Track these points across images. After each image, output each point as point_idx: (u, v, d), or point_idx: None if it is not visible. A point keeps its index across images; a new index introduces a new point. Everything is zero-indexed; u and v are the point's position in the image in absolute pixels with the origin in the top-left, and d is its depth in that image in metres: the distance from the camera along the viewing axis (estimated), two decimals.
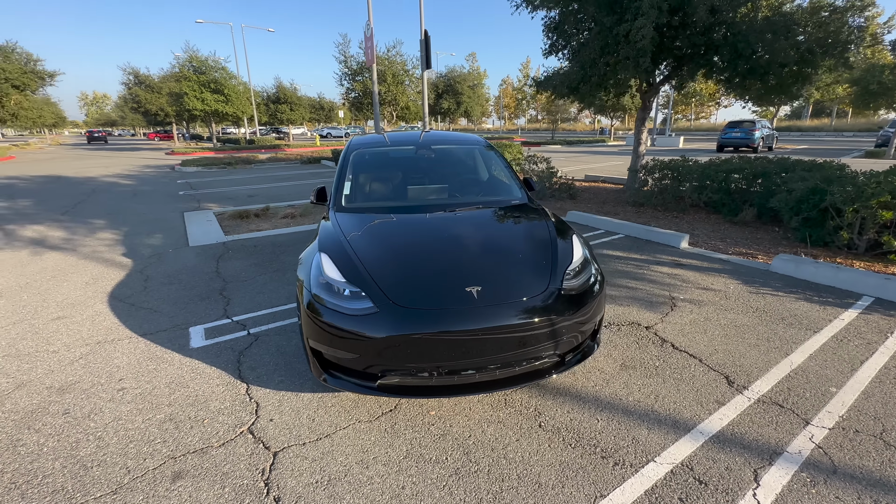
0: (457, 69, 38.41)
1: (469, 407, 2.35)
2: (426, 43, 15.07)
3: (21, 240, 6.04)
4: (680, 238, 5.32)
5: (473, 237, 2.68)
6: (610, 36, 7.33)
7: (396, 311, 2.03)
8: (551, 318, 2.13)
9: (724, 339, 3.05)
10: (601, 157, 20.06)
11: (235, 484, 1.85)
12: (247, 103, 29.24)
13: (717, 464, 1.95)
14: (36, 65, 22.55)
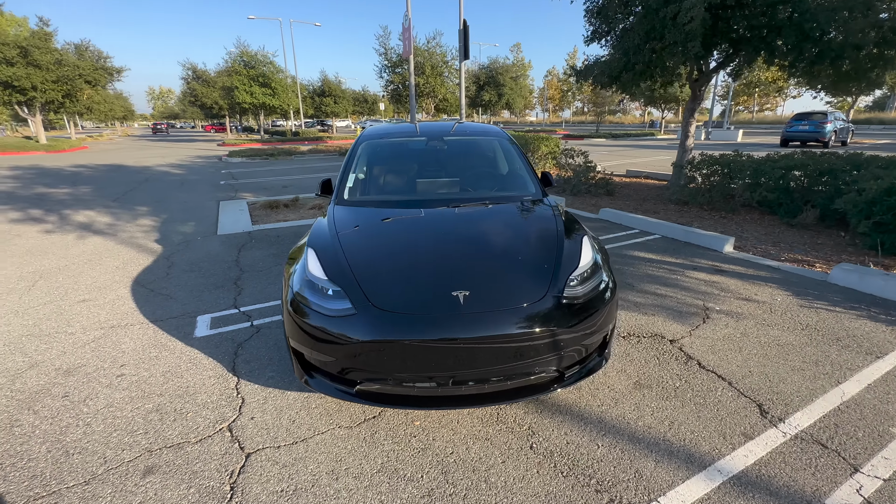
0: (499, 60, 37.65)
1: (457, 419, 2.17)
2: (464, 33, 14.72)
3: (72, 224, 6.48)
4: (723, 241, 4.81)
5: (472, 236, 2.48)
6: (656, 18, 6.76)
7: (375, 313, 1.88)
8: (548, 330, 1.91)
9: (763, 359, 2.67)
10: (647, 152, 18.94)
11: (201, 485, 1.79)
12: (293, 96, 30.20)
13: None
14: (105, 62, 24.37)
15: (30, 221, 6.64)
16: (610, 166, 13.53)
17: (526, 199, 3.00)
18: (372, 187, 3.23)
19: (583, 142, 26.69)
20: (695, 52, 6.47)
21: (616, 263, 4.39)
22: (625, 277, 4.02)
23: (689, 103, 8.81)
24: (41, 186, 10.34)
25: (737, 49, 7.33)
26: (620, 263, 4.40)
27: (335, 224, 2.51)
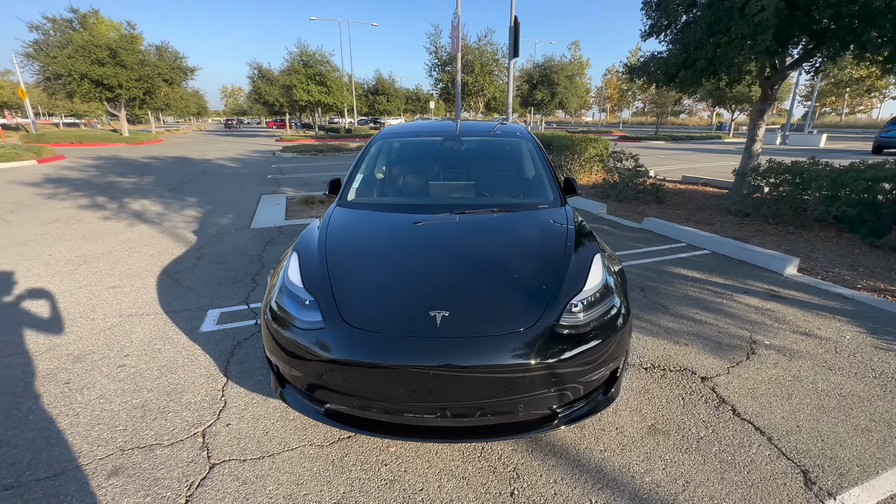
0: (555, 58, 36.48)
1: (435, 450, 1.97)
2: (515, 30, 14.35)
3: (127, 212, 6.96)
4: (785, 261, 4.19)
5: (468, 248, 2.25)
6: (721, 9, 6.09)
7: (343, 330, 1.72)
8: (538, 363, 1.65)
9: (817, 412, 2.22)
10: (711, 157, 17.48)
11: (158, 494, 1.73)
12: (347, 94, 31.15)
13: None
14: (181, 61, 26.42)
15: (93, 208, 7.22)
16: (665, 171, 12.58)
17: (541, 207, 2.71)
18: (378, 189, 3.09)
19: (639, 144, 25.22)
20: (765, 46, 5.75)
21: (651, 281, 3.95)
22: (659, 297, 3.59)
23: (758, 104, 7.91)
24: (113, 175, 11.31)
25: (819, 42, 6.44)
26: (656, 281, 3.95)
27: (328, 228, 2.39)
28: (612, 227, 5.93)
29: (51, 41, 22.14)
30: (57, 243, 5.17)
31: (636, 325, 3.14)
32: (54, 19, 22.54)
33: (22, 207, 7.21)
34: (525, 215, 2.59)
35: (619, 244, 5.12)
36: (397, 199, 2.96)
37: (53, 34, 22.55)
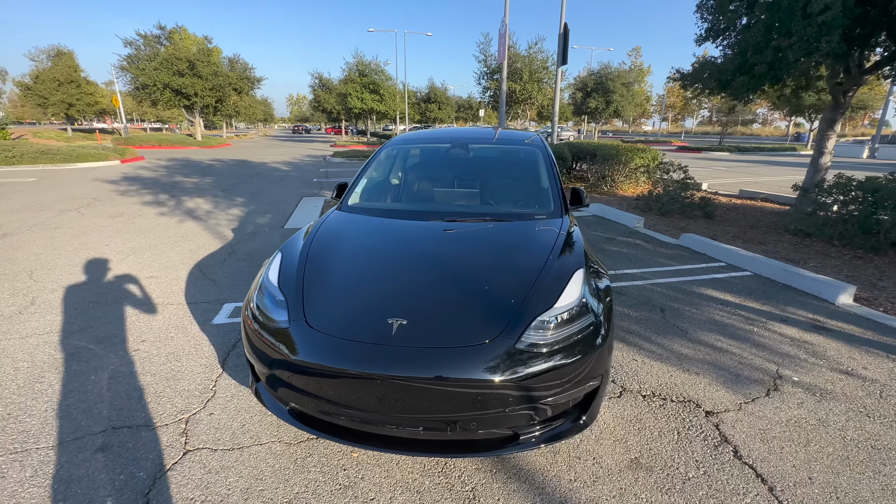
0: (611, 66, 35.29)
1: (396, 461, 1.93)
2: (564, 37, 14.11)
3: (182, 209, 7.59)
4: (838, 289, 3.72)
5: (447, 256, 2.20)
6: (780, 9, 5.59)
7: (303, 330, 1.75)
8: (496, 379, 1.58)
9: (839, 464, 1.93)
10: (779, 170, 16.03)
11: (131, 474, 1.84)
12: (399, 102, 32.08)
13: None
14: (250, 72, 28.54)
15: (154, 205, 7.95)
16: (721, 185, 11.74)
17: (537, 217, 2.61)
18: (379, 195, 3.13)
19: (698, 156, 23.69)
20: (831, 49, 5.18)
21: (675, 302, 3.66)
22: (678, 320, 3.32)
23: (827, 112, 7.16)
24: (179, 176, 12.40)
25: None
26: (681, 302, 3.65)
27: (317, 231, 2.45)
28: (645, 242, 5.58)
29: (141, 55, 24.84)
30: (116, 235, 5.73)
31: (644, 347, 2.92)
32: (145, 35, 25.28)
33: (97, 202, 8.08)
34: (517, 225, 2.50)
35: (647, 260, 4.80)
36: (394, 204, 2.98)
37: (144, 49, 25.28)
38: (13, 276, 4.15)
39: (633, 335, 3.09)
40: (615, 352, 2.87)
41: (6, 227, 6.00)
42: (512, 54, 20.54)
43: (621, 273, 4.37)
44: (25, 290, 3.81)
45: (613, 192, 10.32)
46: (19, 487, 1.76)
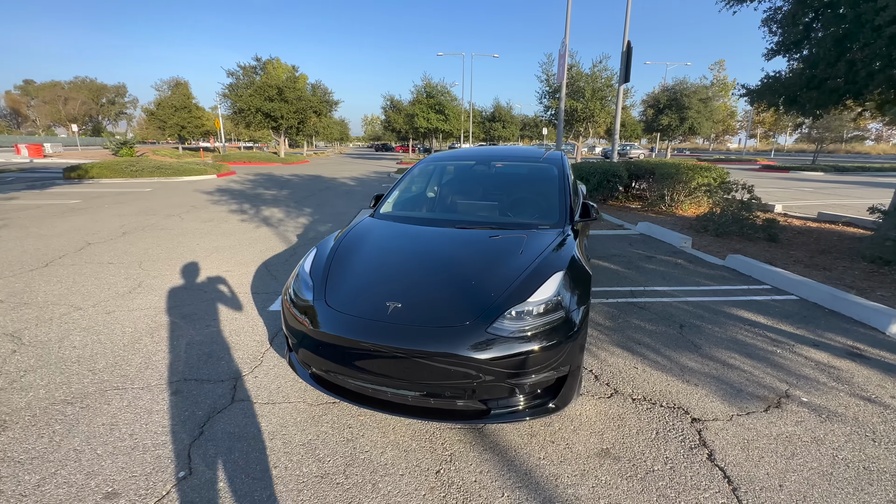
0: (687, 80, 33.57)
1: (393, 425, 2.29)
2: (627, 55, 14.01)
3: (259, 217, 8.70)
4: (891, 317, 3.45)
5: (449, 256, 2.54)
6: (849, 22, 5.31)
7: (323, 308, 2.19)
8: (464, 356, 1.88)
9: (818, 478, 1.94)
10: (877, 191, 14.21)
11: (193, 411, 2.38)
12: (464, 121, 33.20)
13: None
14: (329, 96, 31.31)
15: (238, 212, 9.18)
16: (801, 206, 10.82)
17: (541, 227, 2.86)
18: (407, 204, 3.55)
19: (785, 175, 21.65)
20: None
21: (698, 319, 3.64)
22: (696, 336, 3.32)
23: None
24: (261, 188, 14.02)
25: None
26: (705, 321, 3.62)
27: (348, 232, 2.92)
28: (687, 262, 5.44)
29: (239, 83, 28.41)
30: (205, 237, 6.80)
31: (650, 357, 3.00)
32: (244, 67, 28.91)
33: (194, 209, 9.52)
34: (517, 233, 2.78)
35: (682, 279, 4.72)
36: (417, 213, 3.39)
37: (242, 78, 28.89)
38: (128, 265, 5.18)
39: (641, 346, 3.17)
40: (616, 358, 2.99)
41: (126, 227, 7.36)
42: (574, 73, 20.53)
43: (649, 290, 4.38)
44: (135, 276, 4.76)
45: (672, 212, 9.95)
46: (118, 412, 2.38)
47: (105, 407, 2.42)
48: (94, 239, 6.48)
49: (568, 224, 2.92)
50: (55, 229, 7.15)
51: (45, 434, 2.19)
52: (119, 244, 6.19)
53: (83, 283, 4.51)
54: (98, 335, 3.30)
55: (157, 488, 1.86)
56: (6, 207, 9.35)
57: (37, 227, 7.26)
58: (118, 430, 2.24)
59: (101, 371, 2.79)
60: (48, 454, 2.05)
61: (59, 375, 2.74)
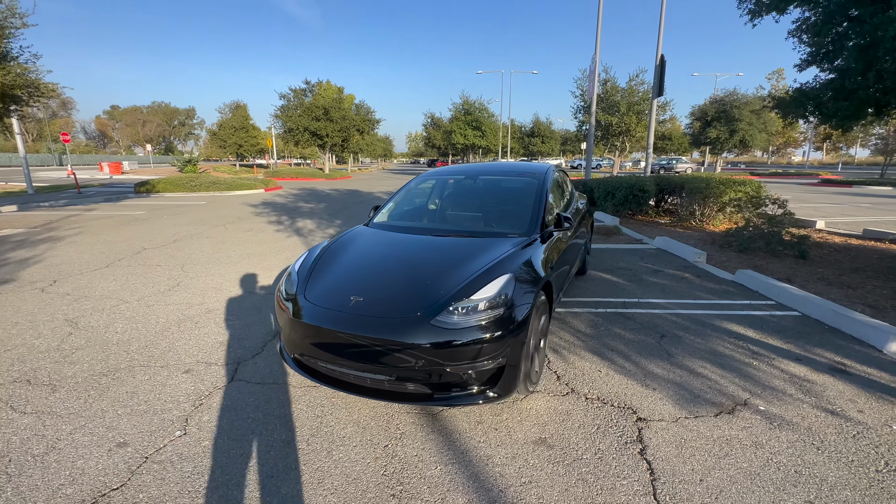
0: (738, 92, 32.08)
1: (359, 406, 2.59)
2: (661, 69, 13.91)
3: (293, 228, 9.43)
4: (889, 335, 3.33)
5: (416, 260, 2.85)
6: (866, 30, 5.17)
7: (302, 301, 2.55)
8: (408, 342, 2.16)
9: (741, 476, 2.02)
10: None
11: (198, 387, 2.81)
12: (501, 137, 33.62)
13: None
14: (371, 115, 32.87)
15: (275, 223, 9.99)
16: (849, 222, 10.15)
17: (510, 236, 3.10)
18: (397, 215, 3.89)
19: (846, 190, 20.09)
20: None
21: (682, 330, 3.68)
22: (672, 346, 3.38)
23: None
24: (301, 202, 15.03)
25: None
26: (689, 332, 3.65)
27: (337, 240, 3.30)
28: (694, 276, 5.38)
29: (290, 105, 30.57)
30: (242, 244, 7.53)
31: (617, 363, 3.11)
32: (295, 90, 31.12)
33: (238, 220, 10.46)
34: (485, 240, 3.02)
35: (682, 292, 4.71)
36: (402, 222, 3.71)
37: (293, 100, 31.07)
38: (171, 266, 5.91)
39: (613, 352, 3.29)
40: (584, 362, 3.13)
41: (177, 235, 8.28)
42: (609, 87, 20.37)
43: (643, 302, 4.42)
44: (176, 276, 5.43)
45: (702, 228, 9.68)
46: (140, 384, 2.86)
47: (130, 380, 2.92)
48: (149, 245, 7.38)
49: (536, 233, 3.14)
50: (120, 236, 8.19)
51: (82, 397, 2.70)
52: (169, 249, 7.02)
53: (133, 281, 5.23)
54: (136, 324, 3.89)
55: (156, 442, 2.28)
56: (85, 217, 10.75)
57: (106, 234, 8.35)
58: (137, 397, 2.70)
59: (133, 352, 3.33)
60: (82, 411, 2.54)
61: (100, 353, 3.30)
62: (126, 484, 1.99)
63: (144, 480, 2.01)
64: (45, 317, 4.04)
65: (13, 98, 9.53)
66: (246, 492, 1.95)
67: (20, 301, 4.47)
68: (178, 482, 2.00)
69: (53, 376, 2.95)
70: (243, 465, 2.11)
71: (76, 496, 1.91)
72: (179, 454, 2.19)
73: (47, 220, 10.29)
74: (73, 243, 7.49)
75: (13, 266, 5.90)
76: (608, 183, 11.53)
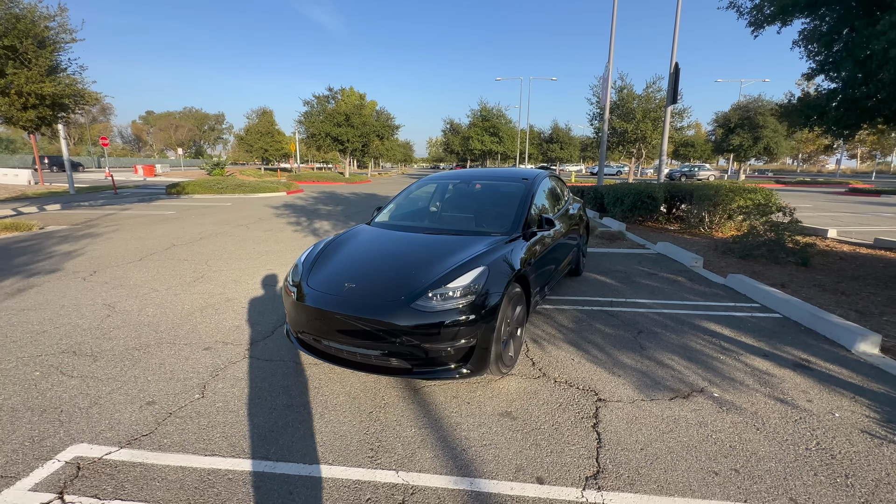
0: (762, 98, 31.45)
1: (351, 380, 2.95)
2: (675, 76, 14.02)
3: (309, 228, 9.95)
4: (858, 336, 3.48)
5: (408, 253, 3.21)
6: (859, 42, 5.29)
7: (304, 286, 2.93)
8: (389, 322, 2.51)
9: (680, 448, 2.28)
10: None
11: (216, 362, 3.23)
12: (519, 143, 33.85)
13: None
14: (391, 121, 33.64)
15: (294, 224, 10.55)
16: (864, 232, 10.00)
17: (494, 234, 3.42)
18: (396, 215, 4.25)
19: (873, 199, 19.58)
20: None
21: (661, 328, 3.92)
22: (647, 340, 3.62)
23: None
24: (321, 204, 15.65)
25: None
26: (667, 329, 3.88)
27: (340, 236, 3.69)
28: (687, 280, 5.55)
29: (313, 111, 31.61)
30: (261, 243, 8.06)
31: (591, 353, 3.38)
32: (318, 96, 32.17)
33: (260, 221, 11.07)
34: (471, 238, 3.34)
35: (671, 294, 4.91)
36: (399, 221, 4.07)
37: (316, 106, 32.12)
38: (196, 261, 6.45)
39: (590, 344, 3.55)
40: (560, 352, 3.42)
41: (203, 234, 8.90)
42: (625, 94, 20.40)
43: (629, 301, 4.65)
44: (201, 270, 5.95)
45: (711, 235, 9.73)
46: (167, 357, 3.30)
47: (159, 354, 3.36)
48: (177, 242, 7.98)
49: (518, 232, 3.45)
50: (152, 233, 8.85)
51: (119, 366, 3.15)
52: (195, 246, 7.60)
53: (163, 273, 5.76)
54: (165, 309, 4.37)
55: (179, 402, 2.69)
56: (122, 216, 11.58)
57: (139, 232, 9.04)
58: (164, 367, 3.14)
59: (161, 332, 3.79)
60: (118, 376, 2.99)
61: (133, 332, 3.77)
62: (154, 432, 2.40)
63: (168, 430, 2.42)
64: (87, 301, 4.57)
65: (61, 106, 10.42)
66: (250, 440, 2.33)
67: (65, 288, 5.04)
68: (195, 432, 2.40)
69: (95, 349, 3.42)
70: (250, 422, 2.49)
71: (114, 439, 2.33)
72: (197, 412, 2.59)
73: (87, 218, 11.14)
74: (110, 239, 8.17)
75: (59, 258, 6.55)
76: (618, 189, 11.66)
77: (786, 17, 6.60)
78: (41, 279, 5.37)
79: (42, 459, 2.16)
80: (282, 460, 2.18)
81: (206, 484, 2.01)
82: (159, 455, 2.20)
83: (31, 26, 9.07)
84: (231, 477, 2.06)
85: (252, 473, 2.08)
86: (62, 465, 2.13)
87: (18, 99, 9.19)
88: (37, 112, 9.63)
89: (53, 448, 2.25)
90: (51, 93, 9.49)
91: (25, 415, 2.54)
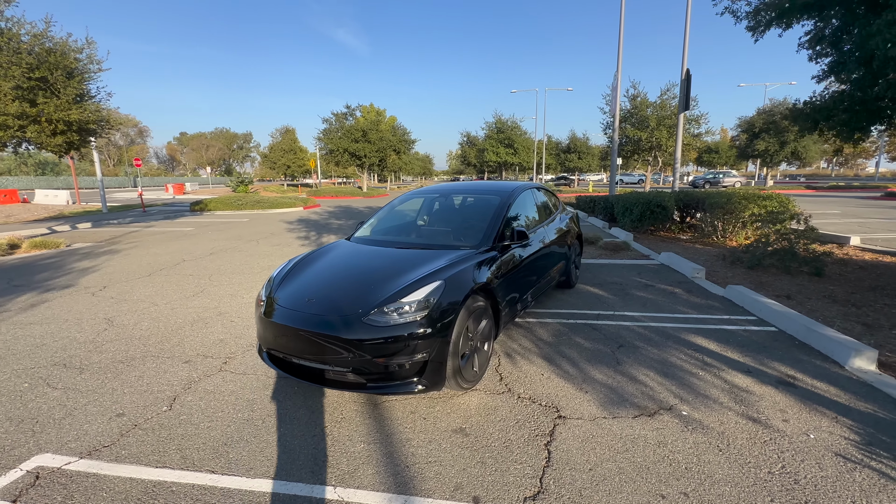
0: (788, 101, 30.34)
1: (315, 396, 2.99)
2: (686, 83, 13.79)
3: (318, 242, 10.17)
4: (854, 351, 3.28)
5: (370, 268, 3.24)
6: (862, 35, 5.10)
7: (271, 301, 3.01)
8: (343, 337, 2.54)
9: (631, 468, 2.19)
10: None
11: (195, 373, 3.33)
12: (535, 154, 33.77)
13: None
14: (408, 136, 34.23)
15: (303, 238, 10.81)
16: (890, 240, 9.45)
17: (462, 248, 3.42)
18: (378, 230, 4.30)
19: None
20: None
21: (644, 341, 3.80)
22: (625, 355, 3.52)
23: None
24: (334, 219, 15.99)
25: None
26: (650, 343, 3.76)
27: (313, 252, 3.76)
28: (684, 291, 5.37)
29: (332, 128, 32.52)
30: (267, 257, 8.29)
31: (564, 369, 3.31)
32: (337, 114, 33.11)
33: (272, 236, 11.40)
34: (437, 252, 3.35)
35: (663, 306, 4.76)
36: (374, 236, 4.12)
37: (335, 123, 33.05)
38: (200, 276, 6.69)
39: (563, 359, 3.48)
40: (531, 366, 3.36)
41: (214, 249, 9.23)
42: (639, 102, 20.12)
43: (617, 314, 4.53)
44: (202, 285, 6.17)
45: (724, 244, 9.40)
46: (147, 370, 3.42)
47: (141, 366, 3.50)
48: (188, 257, 8.31)
49: (488, 245, 3.44)
50: (167, 249, 9.25)
51: (101, 378, 3.30)
52: (203, 261, 7.89)
53: (167, 287, 6.01)
54: (159, 323, 4.55)
55: (146, 414, 2.79)
56: (144, 233, 12.15)
57: (156, 248, 9.46)
58: (142, 380, 3.26)
59: (149, 345, 3.94)
60: (97, 388, 3.13)
61: (124, 346, 3.94)
62: (115, 443, 2.49)
63: (128, 441, 2.51)
64: (89, 315, 4.81)
65: (87, 131, 11.13)
66: (202, 453, 2.38)
67: (73, 302, 5.32)
68: (152, 444, 2.47)
69: (84, 362, 3.59)
70: (207, 435, 2.56)
71: (77, 449, 2.43)
72: (161, 424, 2.68)
73: (112, 235, 11.75)
74: (127, 255, 8.59)
75: (75, 274, 6.93)
76: (627, 199, 11.45)
77: (785, 21, 6.42)
78: (54, 294, 5.69)
79: (6, 468, 2.28)
80: (226, 474, 2.22)
81: (149, 496, 2.07)
82: (113, 466, 2.29)
83: (61, 59, 9.79)
84: (174, 489, 2.11)
85: (194, 486, 2.13)
86: (23, 473, 2.24)
87: (48, 126, 9.88)
88: (65, 137, 10.31)
89: (20, 457, 2.37)
90: (77, 119, 10.15)
91: (4, 424, 2.68)
